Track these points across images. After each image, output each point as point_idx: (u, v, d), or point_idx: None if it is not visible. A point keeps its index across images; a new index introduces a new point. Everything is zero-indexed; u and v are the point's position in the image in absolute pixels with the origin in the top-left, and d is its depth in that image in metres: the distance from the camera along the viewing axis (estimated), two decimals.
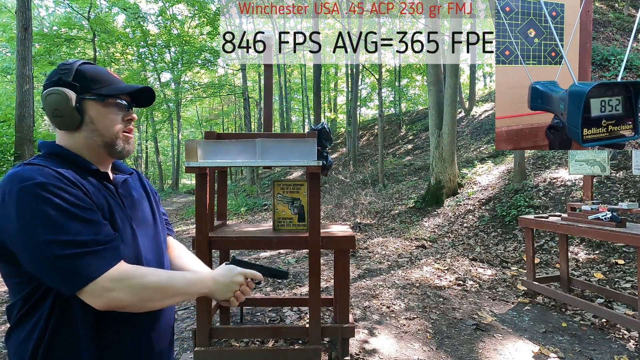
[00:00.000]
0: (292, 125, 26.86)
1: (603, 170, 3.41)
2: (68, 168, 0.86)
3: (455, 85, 8.04)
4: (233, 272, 0.92)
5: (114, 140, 0.93)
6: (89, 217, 0.80)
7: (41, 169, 0.80)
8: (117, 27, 19.57)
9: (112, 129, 0.93)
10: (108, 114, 0.92)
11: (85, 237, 0.77)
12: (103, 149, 0.93)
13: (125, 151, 0.96)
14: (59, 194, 0.77)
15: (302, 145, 2.29)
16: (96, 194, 0.87)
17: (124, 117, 0.95)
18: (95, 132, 0.92)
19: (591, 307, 3.08)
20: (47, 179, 0.77)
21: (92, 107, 0.91)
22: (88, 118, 0.91)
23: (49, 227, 0.74)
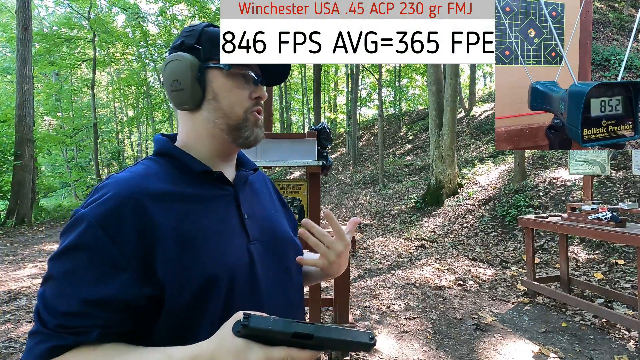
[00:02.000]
0: (292, 125, 26.87)
1: (603, 170, 3.41)
2: (173, 174, 0.68)
3: (455, 85, 8.04)
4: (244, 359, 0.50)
5: (240, 123, 0.72)
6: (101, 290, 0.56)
7: (118, 193, 0.60)
8: (117, 27, 19.59)
9: (238, 107, 0.72)
10: (234, 88, 0.72)
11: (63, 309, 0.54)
12: (227, 134, 0.72)
13: (254, 137, 0.74)
14: (95, 247, 0.57)
15: (302, 145, 2.29)
16: (194, 209, 0.65)
17: (251, 93, 0.73)
18: (218, 112, 0.71)
19: (591, 307, 3.08)
20: (98, 216, 0.58)
21: (216, 78, 0.71)
22: (211, 92, 0.71)
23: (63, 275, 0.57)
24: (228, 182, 0.73)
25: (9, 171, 10.38)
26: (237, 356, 0.49)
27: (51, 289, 0.57)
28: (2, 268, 5.47)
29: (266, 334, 0.47)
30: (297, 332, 0.47)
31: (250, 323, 0.47)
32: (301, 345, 0.48)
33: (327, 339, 0.48)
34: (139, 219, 0.59)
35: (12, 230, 9.02)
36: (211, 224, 0.65)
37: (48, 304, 0.56)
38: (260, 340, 0.48)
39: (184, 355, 0.53)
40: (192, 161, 0.70)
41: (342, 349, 0.50)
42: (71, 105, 22.97)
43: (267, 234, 0.74)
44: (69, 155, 24.45)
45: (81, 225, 0.58)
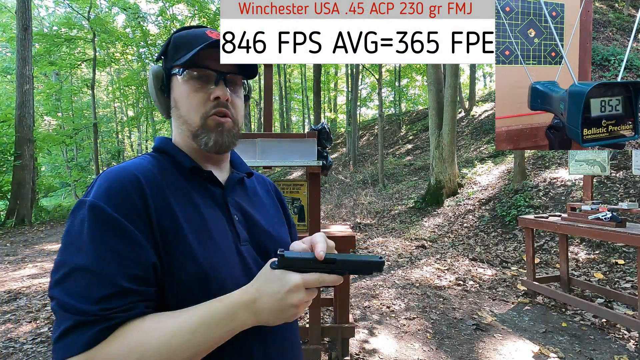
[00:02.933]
0: (292, 125, 26.88)
1: (603, 170, 3.41)
2: (166, 168, 0.69)
3: (455, 85, 8.05)
4: (285, 286, 0.55)
5: (197, 129, 0.69)
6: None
7: (118, 176, 0.62)
8: (117, 27, 19.59)
9: (193, 113, 0.69)
10: (190, 93, 0.69)
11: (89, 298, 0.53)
12: (192, 140, 0.71)
13: (213, 143, 0.70)
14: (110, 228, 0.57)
15: (302, 145, 2.29)
16: (184, 204, 0.65)
17: (210, 95, 0.69)
18: (180, 120, 0.71)
19: (591, 307, 3.08)
20: (101, 198, 0.58)
21: (176, 85, 0.71)
22: (173, 100, 0.71)
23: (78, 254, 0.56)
24: (218, 182, 0.73)
25: (9, 171, 10.38)
26: (279, 283, 0.55)
27: (77, 280, 0.54)
28: (2, 268, 5.46)
29: (299, 263, 0.56)
30: (325, 258, 0.56)
31: (286, 255, 0.56)
32: (328, 271, 0.57)
33: (347, 262, 0.57)
34: (141, 196, 0.61)
35: (12, 230, 9.01)
36: (199, 221, 0.65)
37: (78, 294, 0.53)
38: (294, 269, 0.56)
39: (233, 296, 0.57)
40: (184, 157, 0.71)
41: (359, 270, 0.58)
42: (71, 105, 22.97)
43: (260, 237, 0.73)
44: (69, 155, 24.44)
45: (88, 208, 0.58)
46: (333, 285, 0.58)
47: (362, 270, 0.58)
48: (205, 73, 0.69)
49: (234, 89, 0.73)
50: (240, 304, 0.56)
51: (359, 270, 0.58)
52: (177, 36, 0.72)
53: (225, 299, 0.57)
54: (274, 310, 0.55)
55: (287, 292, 0.55)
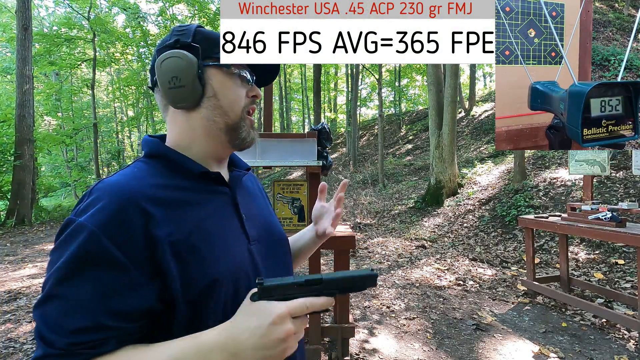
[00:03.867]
0: (292, 125, 26.87)
1: (603, 170, 3.41)
2: (167, 175, 0.66)
3: (455, 85, 8.05)
4: (267, 318, 0.50)
5: (238, 123, 0.71)
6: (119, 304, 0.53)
7: (114, 198, 0.57)
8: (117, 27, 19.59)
9: (237, 105, 0.71)
10: (233, 86, 0.71)
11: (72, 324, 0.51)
12: (225, 134, 0.71)
13: (250, 139, 0.73)
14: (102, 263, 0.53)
15: (302, 145, 2.29)
16: (193, 211, 0.63)
17: (248, 92, 0.73)
18: (217, 110, 0.70)
19: (591, 307, 3.08)
20: (95, 221, 0.54)
21: (215, 76, 0.70)
22: (210, 90, 0.70)
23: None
24: (225, 183, 0.72)
25: (9, 171, 10.38)
26: (260, 316, 0.51)
27: (56, 307, 0.52)
28: (2, 268, 5.47)
29: (281, 289, 0.51)
30: (308, 280, 0.51)
31: (265, 283, 0.51)
32: (315, 293, 0.52)
33: (335, 280, 0.52)
34: (142, 223, 0.57)
35: (12, 230, 9.02)
36: (212, 227, 0.64)
37: (53, 323, 0.51)
38: (277, 298, 0.51)
39: (209, 333, 0.53)
40: (189, 162, 0.68)
41: (350, 287, 0.53)
42: (71, 105, 22.97)
43: (265, 234, 0.75)
44: (69, 155, 24.44)
45: (82, 234, 0.53)
46: (323, 309, 0.53)
47: (354, 286, 0.53)
48: (245, 72, 0.74)
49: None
50: (214, 344, 0.51)
51: (350, 287, 0.53)
52: (209, 31, 0.74)
53: (202, 336, 0.53)
54: (258, 349, 0.50)
55: (270, 325, 0.50)
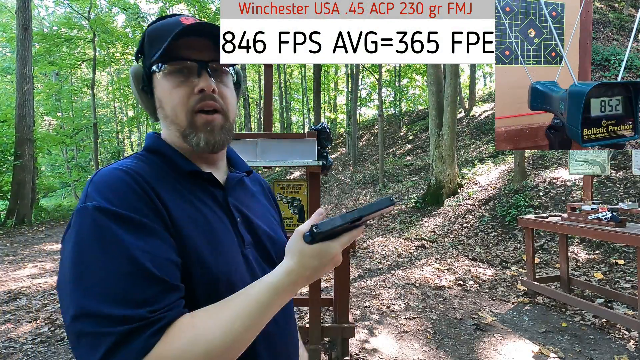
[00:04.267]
0: (292, 125, 26.88)
1: (603, 170, 3.41)
2: (161, 169, 0.64)
3: (455, 85, 8.05)
4: (328, 257, 0.56)
5: (185, 129, 0.63)
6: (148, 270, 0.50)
7: (115, 175, 0.57)
8: (117, 27, 19.58)
9: (179, 110, 0.62)
10: (172, 89, 0.63)
11: (125, 312, 0.47)
12: (183, 141, 0.65)
13: (206, 144, 0.64)
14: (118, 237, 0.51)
15: (302, 145, 2.29)
16: (185, 208, 0.61)
17: (194, 88, 0.63)
18: (166, 120, 0.65)
19: (591, 307, 3.08)
20: (106, 201, 0.53)
21: (157, 83, 0.64)
22: (157, 100, 0.65)
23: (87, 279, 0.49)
24: (218, 184, 0.68)
25: (9, 171, 10.38)
26: (321, 255, 0.56)
27: (109, 286, 0.48)
28: (2, 268, 5.46)
29: (333, 231, 0.57)
30: (353, 219, 0.57)
31: (320, 228, 0.56)
32: (354, 226, 0.58)
33: (368, 214, 0.57)
34: (142, 187, 0.56)
35: (12, 230, 9.01)
36: (205, 227, 0.61)
37: (117, 300, 0.47)
38: (328, 238, 0.57)
39: (279, 277, 0.56)
40: (182, 160, 0.65)
41: (377, 214, 0.59)
42: (71, 105, 22.97)
43: (262, 239, 0.70)
44: (69, 155, 24.45)
45: (93, 212, 0.51)
46: (360, 235, 0.60)
47: (379, 212, 0.60)
48: (185, 65, 0.63)
49: (220, 79, 0.66)
50: (289, 282, 0.56)
51: (377, 214, 0.60)
52: (151, 29, 0.66)
53: (273, 280, 0.55)
54: (322, 274, 0.58)
55: (330, 262, 0.57)
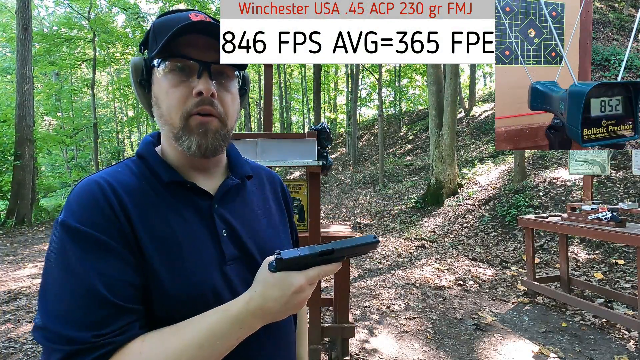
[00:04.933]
0: (292, 125, 26.87)
1: (603, 170, 3.41)
2: (146, 177, 0.62)
3: (455, 85, 8.05)
4: (289, 288, 0.53)
5: (178, 131, 0.60)
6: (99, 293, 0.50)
7: (87, 188, 0.56)
8: (117, 27, 19.58)
9: (174, 112, 0.59)
10: (169, 89, 0.59)
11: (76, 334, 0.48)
12: (175, 143, 0.62)
13: (198, 148, 0.60)
14: (78, 246, 0.52)
15: (302, 145, 2.29)
16: (156, 221, 0.58)
17: (192, 89, 0.59)
18: (161, 120, 0.62)
19: (591, 307, 3.08)
20: (73, 216, 0.53)
21: (155, 79, 0.62)
22: (153, 97, 0.62)
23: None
24: (204, 193, 0.63)
25: (9, 171, 10.37)
26: (282, 286, 0.53)
27: (61, 305, 0.49)
28: (2, 268, 5.46)
29: (298, 261, 0.54)
30: (322, 251, 0.55)
31: (283, 256, 0.53)
32: (327, 261, 0.55)
33: (344, 248, 0.55)
34: (109, 202, 0.55)
35: (12, 230, 9.01)
36: (181, 238, 0.58)
37: (67, 321, 0.48)
38: (294, 268, 0.54)
39: (238, 305, 0.54)
40: (163, 169, 0.62)
41: (357, 252, 0.58)
42: (71, 105, 22.98)
43: (252, 252, 0.65)
44: (69, 155, 24.45)
45: (59, 228, 0.53)
46: (333, 273, 0.56)
47: (360, 252, 0.58)
48: (187, 64, 0.59)
49: (223, 82, 0.63)
50: (247, 311, 0.53)
51: (357, 253, 0.58)
52: (158, 22, 0.62)
53: (231, 309, 0.54)
54: (280, 311, 0.54)
55: (292, 294, 0.53)
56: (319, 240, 2.34)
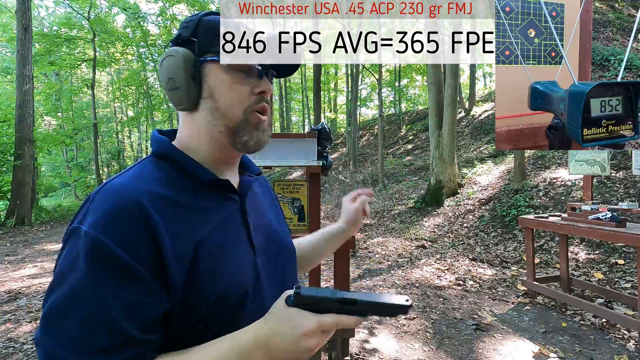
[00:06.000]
0: (292, 125, 26.87)
1: (603, 170, 3.41)
2: (174, 179, 0.61)
3: (455, 85, 8.05)
4: (299, 329, 0.51)
5: (239, 125, 0.62)
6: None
7: (121, 200, 0.53)
8: (117, 27, 19.59)
9: (237, 106, 0.62)
10: (233, 84, 0.62)
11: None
12: (226, 137, 0.63)
13: (254, 142, 0.64)
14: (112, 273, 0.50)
15: (302, 145, 2.29)
16: (200, 220, 0.59)
17: (254, 88, 0.63)
18: (215, 113, 0.62)
19: (591, 307, 3.08)
20: (100, 229, 0.51)
21: (213, 73, 0.62)
22: (207, 90, 0.62)
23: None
24: (235, 190, 0.66)
25: (9, 171, 10.38)
26: (293, 324, 0.51)
27: (76, 324, 0.48)
28: (2, 268, 5.46)
29: (315, 301, 0.51)
30: (343, 298, 0.51)
31: (302, 292, 0.51)
32: (347, 312, 0.51)
33: (369, 303, 0.51)
34: (147, 224, 0.53)
35: (12, 230, 9.01)
36: (220, 238, 0.59)
37: (76, 342, 0.47)
38: (310, 309, 0.51)
39: (247, 334, 0.54)
40: (198, 169, 0.63)
41: (382, 312, 0.53)
42: (71, 105, 22.98)
43: (271, 245, 0.69)
44: (69, 155, 24.45)
45: (85, 241, 0.50)
46: (353, 327, 0.52)
47: (386, 313, 0.53)
48: (252, 65, 0.63)
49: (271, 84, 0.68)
50: (254, 342, 0.52)
51: (382, 312, 0.53)
52: (213, 19, 0.64)
53: (240, 337, 0.53)
54: (287, 351, 0.51)
55: (301, 335, 0.50)
56: None
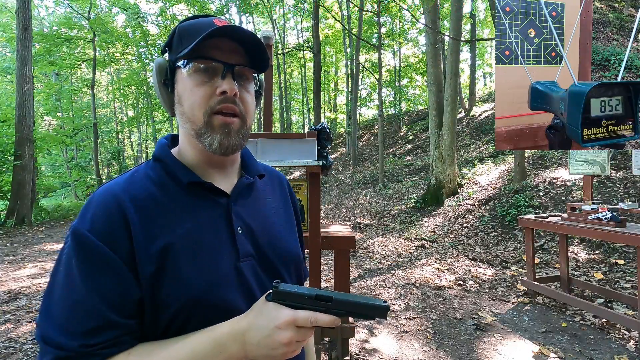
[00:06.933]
0: (292, 125, 26.87)
1: (603, 170, 3.41)
2: (164, 180, 0.64)
3: (455, 85, 8.04)
4: (274, 321, 0.52)
5: (201, 128, 0.62)
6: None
7: (104, 198, 0.59)
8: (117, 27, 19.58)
9: (197, 109, 0.62)
10: (194, 87, 0.62)
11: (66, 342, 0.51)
12: (196, 140, 0.64)
13: (218, 145, 0.62)
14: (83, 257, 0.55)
15: (302, 145, 2.29)
16: (179, 222, 0.60)
17: (216, 89, 0.61)
18: (183, 117, 0.64)
19: (591, 307, 3.08)
20: (85, 224, 0.56)
21: (180, 79, 0.64)
22: (177, 95, 0.65)
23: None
24: (221, 192, 0.66)
25: (9, 171, 10.37)
26: (269, 317, 0.53)
27: (59, 311, 0.53)
28: (2, 268, 5.46)
29: (292, 297, 0.53)
30: (319, 295, 0.52)
31: (280, 288, 0.53)
32: (323, 310, 0.53)
33: (345, 302, 0.52)
34: (124, 220, 0.57)
35: (12, 230, 9.01)
36: (194, 240, 0.60)
37: (61, 327, 0.52)
38: (288, 304, 0.53)
39: (223, 327, 0.56)
40: (181, 170, 0.64)
41: (358, 313, 0.53)
42: (71, 105, 22.97)
43: (265, 250, 0.68)
44: (69, 155, 24.45)
45: (74, 237, 0.56)
46: (329, 326, 0.53)
47: (362, 314, 0.53)
48: (211, 65, 0.62)
49: (243, 84, 0.65)
50: (229, 335, 0.54)
51: (358, 313, 0.53)
52: (183, 26, 0.65)
53: (217, 329, 0.55)
54: (261, 346, 0.52)
55: (275, 327, 0.52)
56: (319, 240, 2.34)
